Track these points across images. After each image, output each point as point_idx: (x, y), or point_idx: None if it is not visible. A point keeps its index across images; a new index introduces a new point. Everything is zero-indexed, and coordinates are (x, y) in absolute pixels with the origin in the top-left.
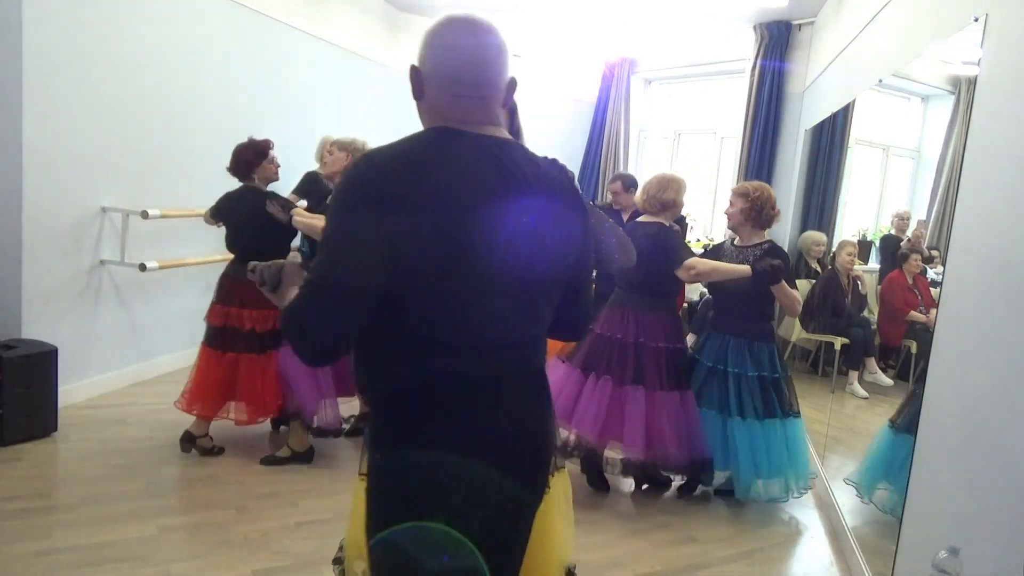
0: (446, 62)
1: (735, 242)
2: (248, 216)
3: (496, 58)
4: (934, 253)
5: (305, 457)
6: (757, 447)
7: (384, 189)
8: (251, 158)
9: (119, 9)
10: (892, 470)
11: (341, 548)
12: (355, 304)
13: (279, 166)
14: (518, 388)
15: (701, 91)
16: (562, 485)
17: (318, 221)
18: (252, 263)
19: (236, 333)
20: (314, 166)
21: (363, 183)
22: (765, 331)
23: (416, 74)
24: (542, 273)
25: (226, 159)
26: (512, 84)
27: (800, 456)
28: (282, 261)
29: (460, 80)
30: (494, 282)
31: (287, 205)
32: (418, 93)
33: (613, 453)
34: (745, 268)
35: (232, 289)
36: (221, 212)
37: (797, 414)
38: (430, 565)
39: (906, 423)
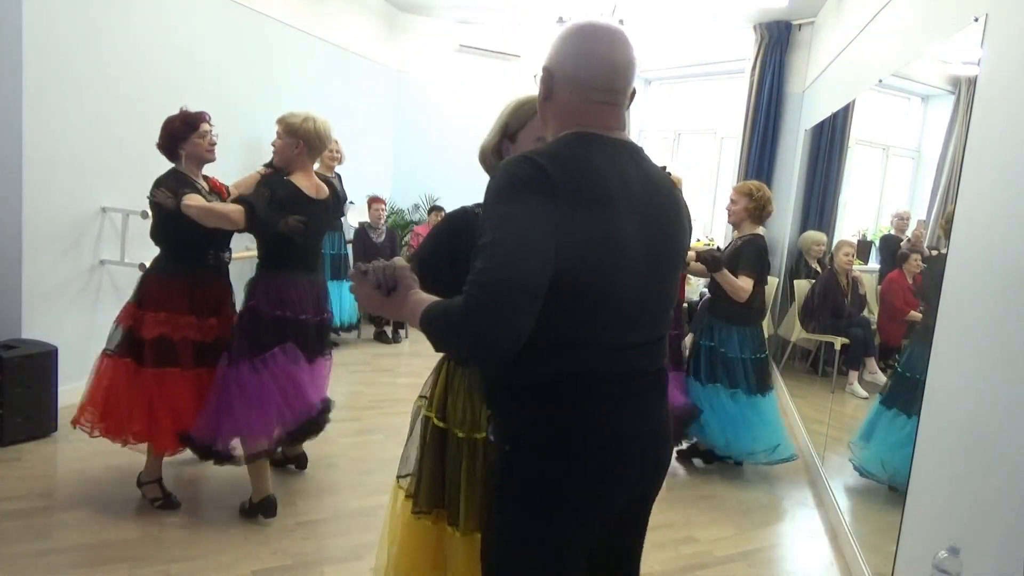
0: (587, 67)
1: (734, 236)
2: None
3: (632, 67)
4: (934, 253)
5: (265, 508)
6: (745, 417)
7: (547, 187)
8: (176, 128)
9: (119, 9)
10: (875, 437)
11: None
12: (539, 300)
13: (214, 144)
14: (642, 387)
15: (701, 91)
16: None
17: (218, 206)
18: (362, 264)
19: (138, 341)
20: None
21: (527, 180)
22: (747, 317)
23: (548, 76)
24: (669, 275)
25: (226, 158)
26: (633, 93)
27: (778, 425)
28: (391, 263)
29: (598, 86)
30: (631, 284)
31: (180, 186)
32: (546, 95)
33: None
34: (691, 254)
35: (146, 290)
36: None
37: (771, 388)
38: None
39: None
